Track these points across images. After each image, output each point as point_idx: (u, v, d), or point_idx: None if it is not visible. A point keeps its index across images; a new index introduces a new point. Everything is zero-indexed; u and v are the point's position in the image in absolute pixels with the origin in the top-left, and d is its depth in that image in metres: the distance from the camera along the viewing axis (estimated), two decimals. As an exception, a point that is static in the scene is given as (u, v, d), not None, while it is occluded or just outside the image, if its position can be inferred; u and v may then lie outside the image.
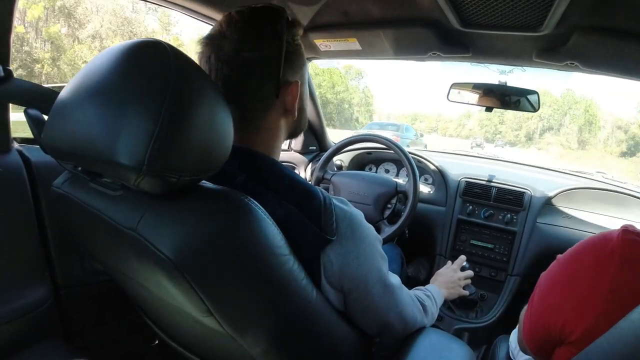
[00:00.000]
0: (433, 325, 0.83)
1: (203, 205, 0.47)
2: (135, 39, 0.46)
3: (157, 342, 1.06)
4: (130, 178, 0.42)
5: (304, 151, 1.85)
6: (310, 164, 1.84)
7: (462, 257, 1.20)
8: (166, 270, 0.44)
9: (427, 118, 65.12)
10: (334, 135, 2.03)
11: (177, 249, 0.43)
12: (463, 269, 1.17)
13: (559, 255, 0.64)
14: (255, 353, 0.54)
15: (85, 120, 0.43)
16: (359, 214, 0.62)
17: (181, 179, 0.44)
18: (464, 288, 1.14)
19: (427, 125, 61.98)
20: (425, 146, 13.66)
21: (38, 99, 0.69)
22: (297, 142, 1.82)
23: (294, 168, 1.81)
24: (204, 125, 0.45)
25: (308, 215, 0.55)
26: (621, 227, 0.55)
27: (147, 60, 0.44)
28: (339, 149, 1.50)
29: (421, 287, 0.95)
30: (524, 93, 1.34)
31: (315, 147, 1.90)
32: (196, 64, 0.49)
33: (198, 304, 0.46)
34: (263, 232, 0.48)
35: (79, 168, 0.55)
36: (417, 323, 0.75)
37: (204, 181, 0.51)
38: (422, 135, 19.56)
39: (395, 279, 0.69)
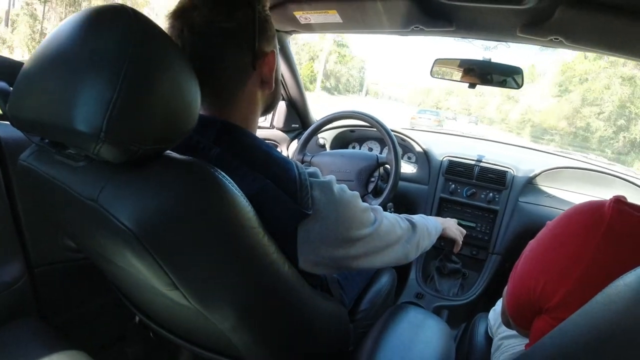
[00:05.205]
0: (413, 303, 0.83)
1: (166, 176, 0.46)
2: (99, 5, 0.45)
3: (136, 321, 1.06)
4: (89, 146, 0.41)
5: (286, 129, 1.82)
6: (293, 142, 1.82)
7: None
8: (128, 242, 0.43)
9: (463, 92, 49.19)
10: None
11: (138, 219, 0.43)
12: None
13: (549, 222, 0.65)
14: (224, 328, 0.54)
15: (47, 88, 0.43)
16: (331, 180, 0.61)
17: (142, 147, 0.43)
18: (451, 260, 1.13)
19: (461, 100, 48.50)
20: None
21: (5, 71, 0.66)
22: (280, 119, 1.78)
23: (276, 146, 1.78)
24: (167, 93, 0.44)
25: (284, 190, 0.54)
26: (613, 196, 0.56)
27: (107, 26, 0.42)
28: (318, 128, 1.47)
29: (422, 215, 0.96)
30: (508, 70, 1.34)
31: (297, 125, 1.87)
32: (162, 30, 0.47)
33: (162, 277, 0.45)
34: (229, 204, 0.46)
35: (46, 141, 0.54)
36: (407, 248, 0.77)
37: (173, 153, 0.50)
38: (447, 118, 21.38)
39: (381, 226, 0.68)
